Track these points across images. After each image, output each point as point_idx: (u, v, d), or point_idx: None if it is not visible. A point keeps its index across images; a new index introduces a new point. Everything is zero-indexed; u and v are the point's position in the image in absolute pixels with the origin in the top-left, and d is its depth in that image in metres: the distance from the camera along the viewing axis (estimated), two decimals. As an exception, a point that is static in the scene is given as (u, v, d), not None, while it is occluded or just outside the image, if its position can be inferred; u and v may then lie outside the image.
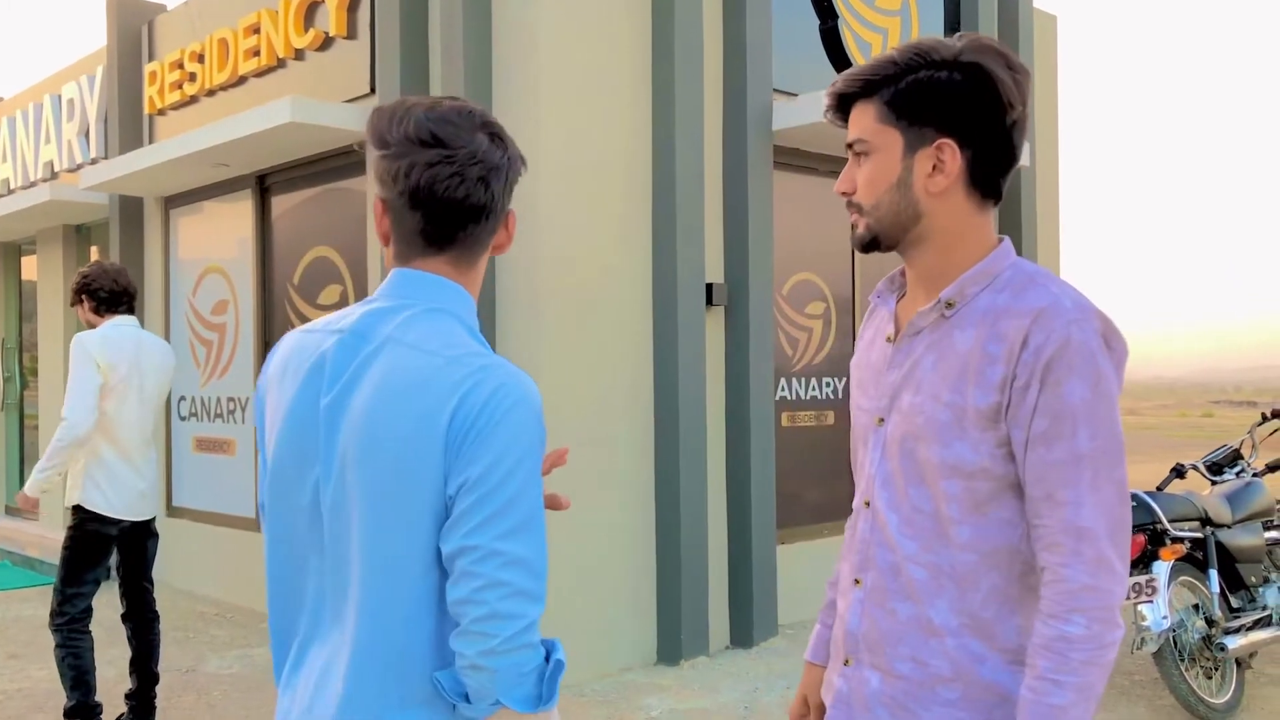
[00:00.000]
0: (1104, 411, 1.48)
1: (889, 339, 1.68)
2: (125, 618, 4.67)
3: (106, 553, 4.50)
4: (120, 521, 4.47)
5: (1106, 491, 1.48)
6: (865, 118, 1.59)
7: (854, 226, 1.65)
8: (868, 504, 1.67)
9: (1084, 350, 1.47)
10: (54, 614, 4.40)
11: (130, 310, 4.62)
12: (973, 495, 1.55)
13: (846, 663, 1.68)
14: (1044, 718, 1.46)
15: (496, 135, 1.56)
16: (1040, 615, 1.49)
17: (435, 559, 1.46)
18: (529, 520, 1.45)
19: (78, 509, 4.43)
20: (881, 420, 1.65)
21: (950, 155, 1.55)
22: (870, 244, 1.64)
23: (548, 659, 1.48)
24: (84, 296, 4.56)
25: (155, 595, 4.75)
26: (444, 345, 1.49)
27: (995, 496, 1.54)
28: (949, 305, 1.59)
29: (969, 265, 1.60)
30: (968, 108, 1.54)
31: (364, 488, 1.46)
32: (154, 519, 4.67)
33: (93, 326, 4.56)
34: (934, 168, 1.56)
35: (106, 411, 4.41)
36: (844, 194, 1.65)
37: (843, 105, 1.65)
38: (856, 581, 1.68)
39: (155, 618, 4.70)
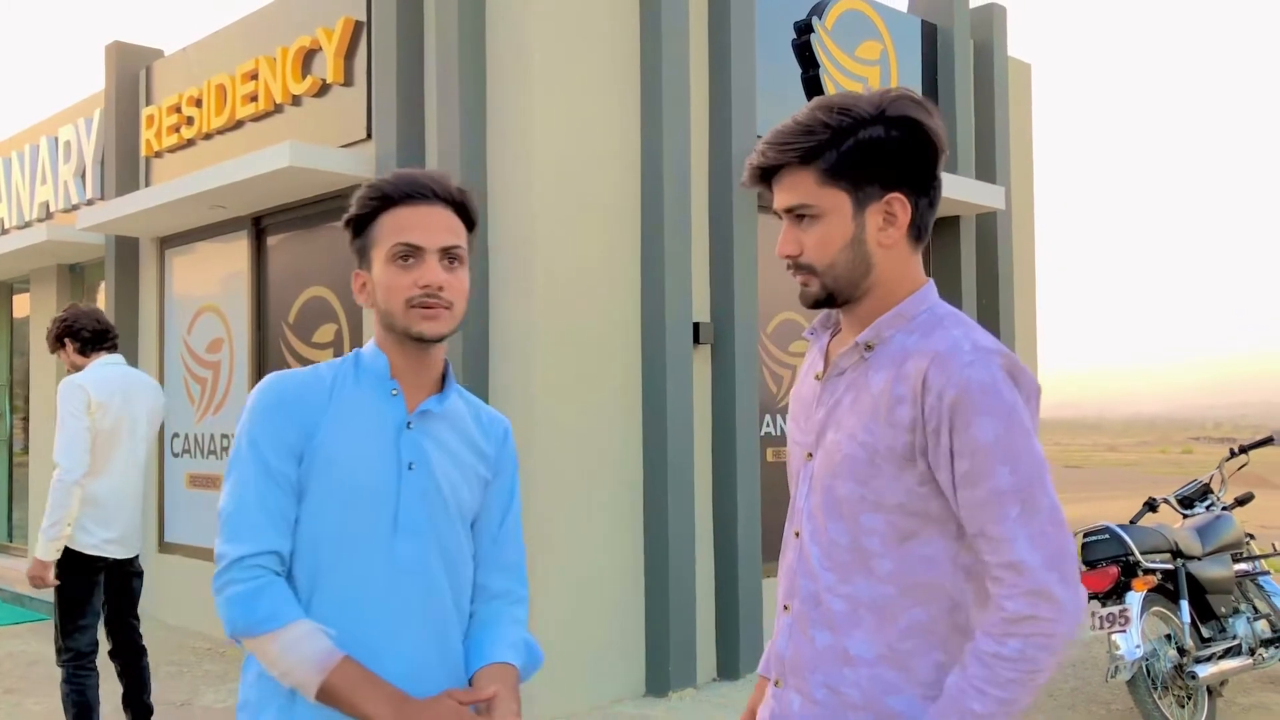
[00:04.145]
0: (1021, 445, 1.50)
1: (817, 376, 1.73)
2: (113, 654, 4.68)
3: (98, 583, 4.49)
4: (106, 558, 4.47)
5: (1037, 522, 1.49)
6: (804, 183, 1.62)
7: (804, 285, 1.68)
8: (797, 534, 1.73)
9: (987, 389, 1.50)
10: (60, 650, 4.40)
11: (115, 348, 4.59)
12: (895, 529, 1.59)
13: (777, 684, 1.74)
14: (960, 718, 1.50)
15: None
16: (982, 629, 1.53)
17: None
18: (233, 477, 1.84)
19: (64, 549, 4.37)
20: (810, 455, 1.71)
21: (900, 208, 1.61)
22: (824, 301, 1.68)
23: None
24: (66, 340, 4.50)
25: (144, 631, 4.77)
26: None
27: (917, 532, 1.58)
28: (868, 348, 1.64)
29: None
30: (909, 161, 1.60)
31: None
32: (137, 556, 4.67)
33: (78, 368, 4.50)
34: (885, 221, 1.61)
35: (98, 452, 4.37)
36: (789, 257, 1.67)
37: (765, 173, 1.66)
38: (785, 607, 1.73)
39: (143, 651, 4.71)
